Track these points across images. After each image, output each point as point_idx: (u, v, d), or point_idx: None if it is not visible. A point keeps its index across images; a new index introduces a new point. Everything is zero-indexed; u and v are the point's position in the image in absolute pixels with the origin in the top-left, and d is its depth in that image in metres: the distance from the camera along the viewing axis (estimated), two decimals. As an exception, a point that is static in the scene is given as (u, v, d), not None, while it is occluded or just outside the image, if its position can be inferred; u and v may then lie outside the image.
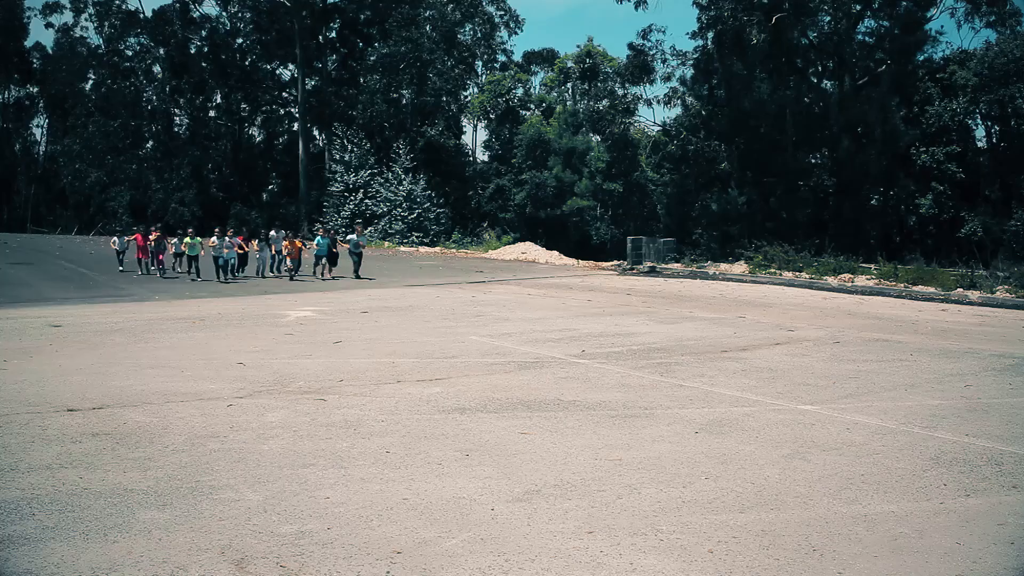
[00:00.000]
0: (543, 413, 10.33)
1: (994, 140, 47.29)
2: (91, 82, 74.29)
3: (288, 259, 31.23)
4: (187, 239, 30.71)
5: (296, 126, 70.50)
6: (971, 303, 26.65)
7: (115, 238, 35.39)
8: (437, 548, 6.11)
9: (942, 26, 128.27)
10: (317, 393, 11.20)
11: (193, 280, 29.31)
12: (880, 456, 8.76)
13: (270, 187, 74.44)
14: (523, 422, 9.86)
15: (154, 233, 32.72)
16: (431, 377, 12.48)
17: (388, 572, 5.62)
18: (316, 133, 71.66)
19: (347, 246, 33.75)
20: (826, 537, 6.52)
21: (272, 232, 33.74)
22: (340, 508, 6.87)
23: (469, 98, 70.89)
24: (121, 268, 32.97)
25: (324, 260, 31.41)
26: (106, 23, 73.60)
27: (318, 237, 32.32)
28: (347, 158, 60.59)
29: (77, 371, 12.41)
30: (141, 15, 73.65)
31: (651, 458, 8.48)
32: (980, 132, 48.61)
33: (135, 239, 33.11)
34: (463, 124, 72.10)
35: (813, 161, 51.13)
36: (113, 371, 12.46)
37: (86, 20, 75.05)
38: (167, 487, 7.32)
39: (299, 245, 31.74)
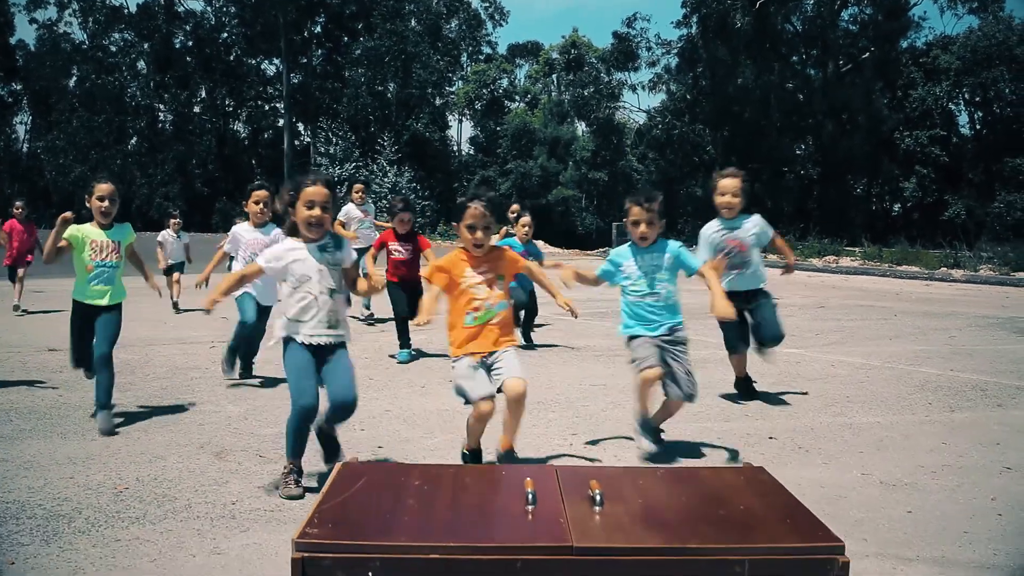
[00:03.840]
0: (527, 353, 10.30)
1: (977, 125, 47.48)
2: (75, 78, 73.90)
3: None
4: (69, 229, 6.74)
5: (281, 121, 70.38)
6: (955, 280, 26.75)
7: None
8: (419, 445, 6.10)
9: (925, 12, 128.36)
10: (301, 339, 11.14)
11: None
12: (865, 384, 8.78)
13: (256, 182, 74.17)
14: (507, 359, 9.82)
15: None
16: (415, 331, 12.45)
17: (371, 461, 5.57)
18: (301, 128, 71.50)
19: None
20: (812, 439, 6.52)
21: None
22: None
23: (454, 91, 70.80)
24: None
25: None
26: (90, 18, 73.26)
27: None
28: (332, 152, 60.42)
29: (58, 322, 12.29)
30: (125, 10, 73.40)
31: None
32: (964, 118, 48.86)
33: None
34: (448, 119, 72.06)
35: (799, 152, 51.24)
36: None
37: (70, 16, 74.70)
38: (147, 403, 7.28)
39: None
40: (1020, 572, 4.25)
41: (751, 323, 7.92)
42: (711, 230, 7.67)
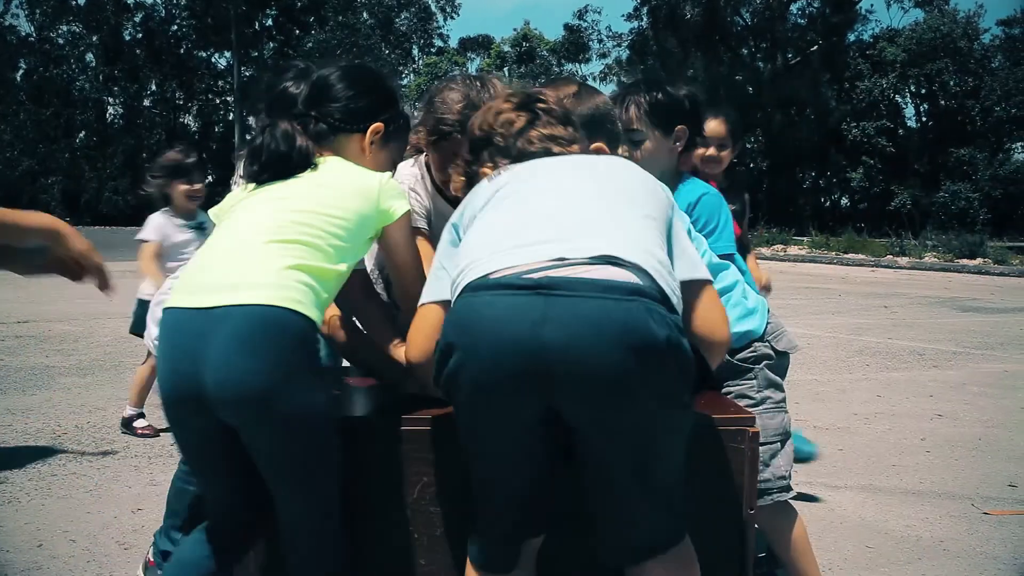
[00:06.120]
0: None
1: (923, 117, 48.12)
2: (22, 71, 72.95)
3: None
4: None
5: (232, 114, 69.91)
6: (900, 267, 27.14)
7: None
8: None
9: (872, 4, 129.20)
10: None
11: None
12: (806, 350, 8.82)
13: (208, 177, 73.71)
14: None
15: None
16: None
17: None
18: (252, 121, 70.98)
19: None
20: (749, 392, 6.63)
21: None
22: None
23: (406, 84, 70.66)
24: None
25: None
26: (37, 10, 72.31)
27: None
28: (284, 144, 60.03)
29: (4, 301, 12.18)
30: (73, 2, 72.54)
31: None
32: (910, 110, 49.46)
33: None
34: (401, 112, 71.86)
35: (748, 144, 51.64)
36: (42, 299, 12.21)
37: (16, 8, 73.72)
38: (89, 366, 7.25)
39: None
40: (944, 498, 4.38)
41: None
42: None
